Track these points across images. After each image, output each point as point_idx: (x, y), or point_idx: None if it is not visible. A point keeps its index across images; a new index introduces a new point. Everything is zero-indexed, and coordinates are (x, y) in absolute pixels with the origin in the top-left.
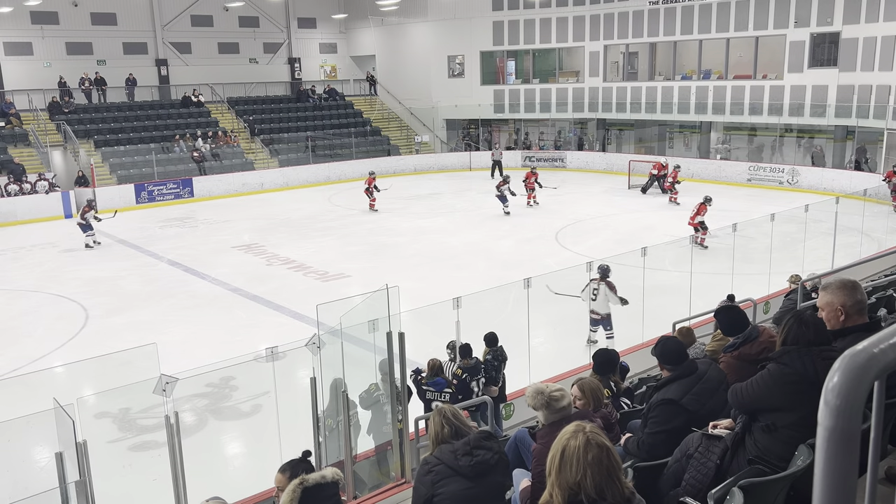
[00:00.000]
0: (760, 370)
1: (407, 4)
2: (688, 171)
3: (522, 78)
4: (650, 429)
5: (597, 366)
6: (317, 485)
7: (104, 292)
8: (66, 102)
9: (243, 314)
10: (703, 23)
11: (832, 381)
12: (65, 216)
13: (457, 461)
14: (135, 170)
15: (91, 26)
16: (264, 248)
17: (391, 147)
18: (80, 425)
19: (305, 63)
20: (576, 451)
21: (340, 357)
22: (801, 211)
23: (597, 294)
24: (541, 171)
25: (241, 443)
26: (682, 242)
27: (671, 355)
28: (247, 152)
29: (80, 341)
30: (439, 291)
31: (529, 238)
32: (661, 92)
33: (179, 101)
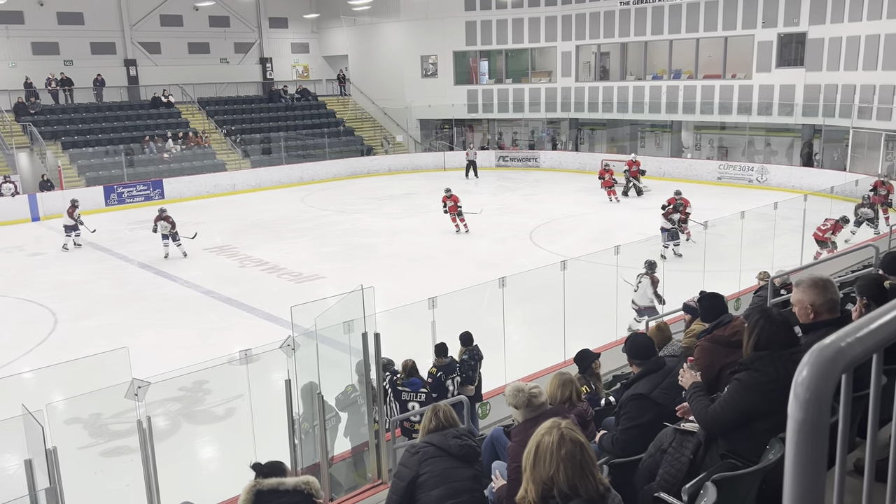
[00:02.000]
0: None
1: (379, 4)
2: (659, 169)
3: (495, 78)
4: (623, 425)
5: (576, 362)
6: (272, 490)
7: (73, 296)
8: (33, 103)
9: (216, 317)
10: (673, 23)
11: (801, 374)
12: (32, 219)
13: (447, 441)
14: (104, 171)
15: (57, 26)
16: (237, 250)
17: (365, 147)
18: (50, 431)
19: (277, 63)
20: (549, 447)
21: (315, 359)
22: (770, 209)
23: (639, 286)
24: (514, 171)
25: (215, 447)
26: (654, 241)
27: (639, 350)
28: (218, 153)
29: (48, 346)
30: (414, 291)
31: (504, 237)
32: (633, 92)
33: (149, 102)
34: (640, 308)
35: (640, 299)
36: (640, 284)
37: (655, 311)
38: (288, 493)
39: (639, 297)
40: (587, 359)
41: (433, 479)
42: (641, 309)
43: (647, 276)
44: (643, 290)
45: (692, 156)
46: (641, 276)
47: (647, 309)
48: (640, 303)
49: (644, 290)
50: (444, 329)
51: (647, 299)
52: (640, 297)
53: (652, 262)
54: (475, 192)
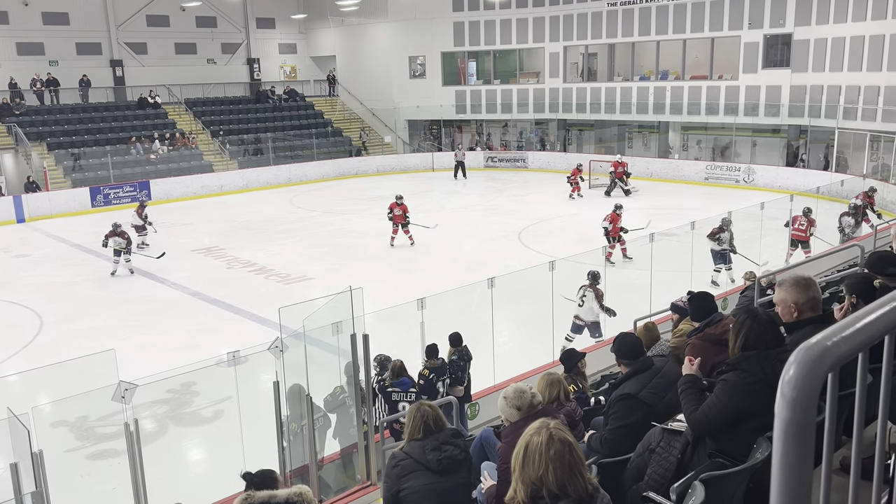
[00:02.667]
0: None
1: (367, 5)
2: (647, 170)
3: (484, 79)
4: (611, 425)
5: (561, 361)
6: (263, 503)
7: (59, 298)
8: (17, 104)
9: (204, 318)
10: (660, 24)
11: (788, 373)
12: (17, 221)
13: (424, 456)
14: (90, 173)
15: (42, 26)
16: (224, 251)
17: (353, 148)
18: (36, 435)
19: (264, 64)
20: (538, 447)
21: (304, 360)
22: (757, 209)
23: (584, 300)
24: (503, 172)
25: (203, 449)
26: (640, 241)
27: (628, 350)
28: (205, 154)
29: (34, 349)
30: (403, 292)
31: (492, 238)
32: (620, 92)
33: (135, 103)
34: (587, 323)
35: (585, 314)
36: (585, 299)
37: (599, 328)
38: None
39: (584, 312)
40: (573, 358)
41: (414, 496)
42: (588, 324)
43: (590, 290)
44: (588, 305)
45: (679, 156)
46: (585, 288)
47: (593, 325)
48: (585, 318)
49: (589, 304)
50: (434, 330)
51: (594, 314)
52: (585, 313)
53: (595, 272)
54: (463, 193)
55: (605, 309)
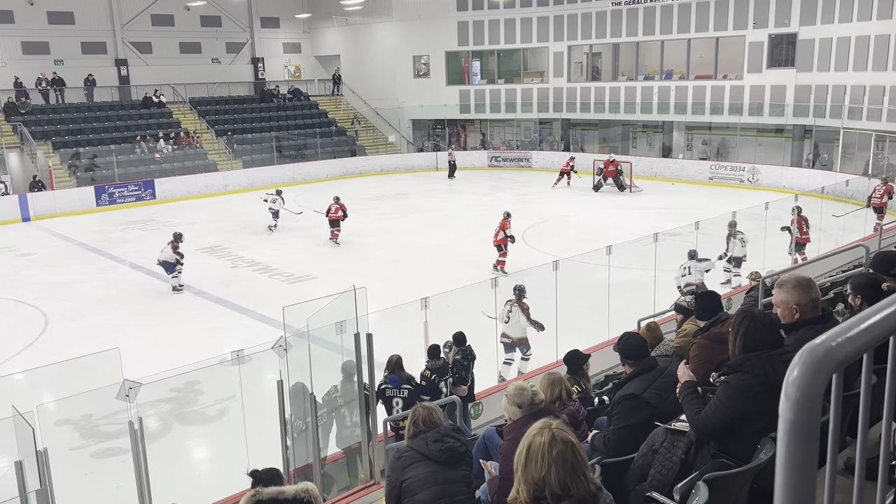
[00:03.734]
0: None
1: (371, 4)
2: (651, 170)
3: (488, 78)
4: (615, 425)
5: (565, 363)
6: (272, 499)
7: (64, 297)
8: (23, 103)
9: (208, 317)
10: (664, 24)
11: (792, 374)
12: (22, 219)
13: (427, 447)
14: (95, 171)
15: (48, 25)
16: (229, 250)
17: (357, 148)
18: (41, 433)
19: (269, 63)
20: (541, 448)
21: (307, 359)
22: (761, 209)
23: (510, 316)
24: (507, 172)
25: (207, 448)
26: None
27: (633, 350)
28: (210, 153)
29: (39, 347)
30: (407, 292)
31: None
32: (625, 92)
33: (140, 102)
34: (514, 340)
35: (512, 331)
36: (511, 314)
37: (528, 344)
38: (288, 502)
39: (511, 328)
40: (577, 360)
41: (417, 484)
42: (515, 341)
43: (516, 305)
44: (515, 321)
45: (683, 156)
46: (511, 304)
47: (520, 342)
48: (513, 335)
49: (516, 319)
50: (437, 329)
51: (521, 329)
52: (512, 329)
53: (521, 287)
54: (467, 193)
55: (533, 323)
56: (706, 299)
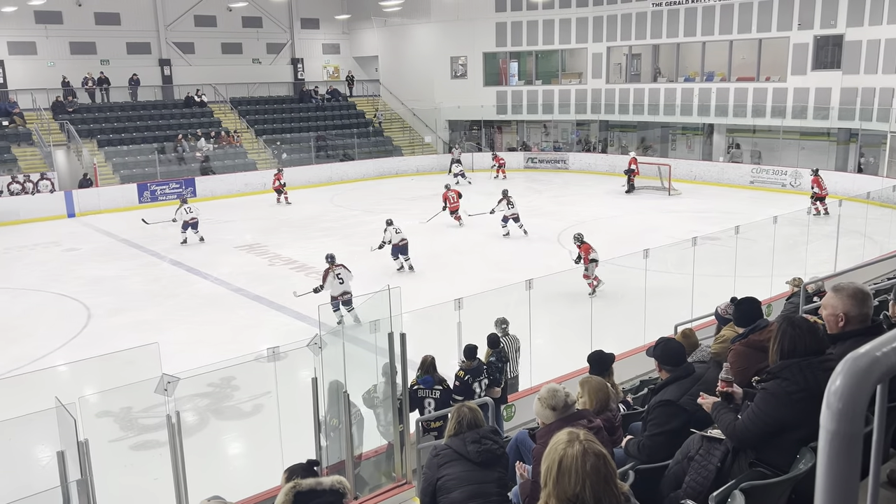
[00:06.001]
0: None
1: (410, 5)
2: (690, 173)
3: (525, 79)
4: (650, 431)
5: (591, 366)
6: (311, 490)
7: (107, 292)
8: (70, 102)
9: (245, 314)
10: (706, 25)
11: (834, 384)
12: (67, 215)
13: (465, 447)
14: (137, 169)
15: (95, 26)
16: (266, 249)
17: (394, 148)
18: (82, 424)
19: (308, 63)
20: (574, 461)
21: (342, 358)
22: (803, 214)
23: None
24: (543, 173)
25: (243, 443)
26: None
27: (671, 356)
28: (249, 153)
29: (82, 340)
30: (441, 292)
31: (530, 239)
32: (664, 94)
33: (182, 101)
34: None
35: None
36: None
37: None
38: (325, 493)
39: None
40: (604, 362)
41: (452, 482)
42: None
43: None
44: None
45: (724, 159)
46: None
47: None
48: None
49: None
50: (470, 330)
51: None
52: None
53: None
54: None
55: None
56: (746, 305)
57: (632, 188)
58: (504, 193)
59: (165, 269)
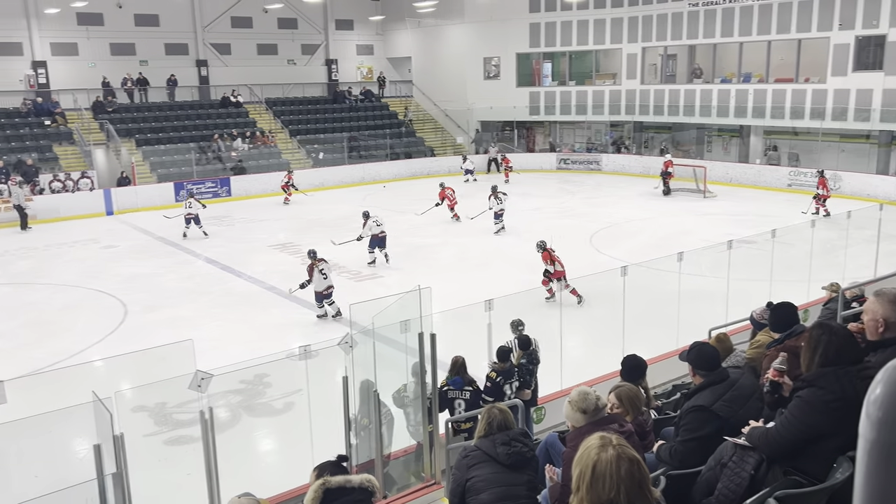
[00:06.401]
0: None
1: (443, 6)
2: (726, 175)
3: (559, 80)
4: (682, 436)
5: (625, 371)
6: (340, 487)
7: (143, 288)
8: (110, 102)
9: (277, 312)
10: (743, 25)
11: (874, 393)
12: (106, 213)
13: (494, 449)
14: (174, 168)
15: (134, 27)
16: (299, 248)
17: (426, 149)
18: (118, 418)
19: (342, 64)
20: (608, 466)
21: (372, 357)
22: (843, 217)
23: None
24: (575, 174)
25: (274, 439)
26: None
27: (706, 360)
28: (283, 153)
29: (118, 336)
30: (471, 293)
31: (563, 242)
32: (700, 95)
33: (219, 102)
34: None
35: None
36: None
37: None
38: (354, 491)
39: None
40: (640, 368)
41: (481, 483)
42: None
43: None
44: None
45: (760, 161)
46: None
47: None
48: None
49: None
50: (501, 332)
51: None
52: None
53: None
54: (534, 195)
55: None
56: (782, 310)
57: (669, 190)
58: (493, 189)
59: (200, 267)
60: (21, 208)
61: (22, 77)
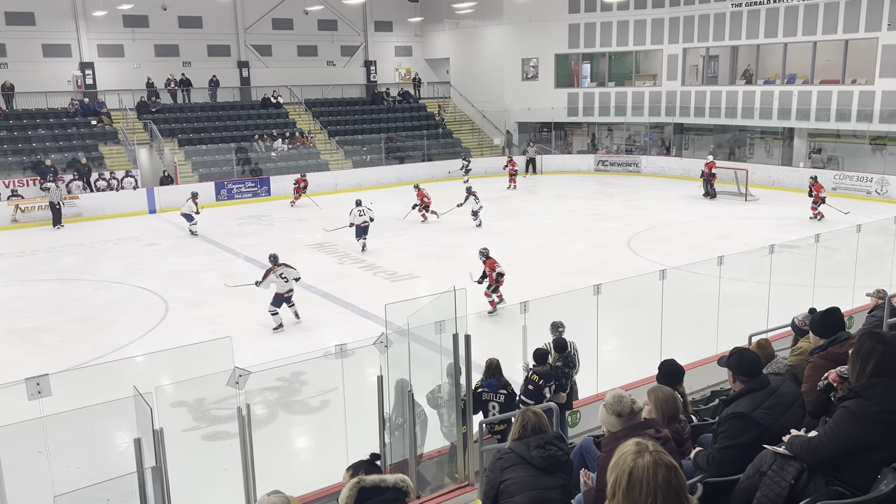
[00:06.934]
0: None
1: (482, 7)
2: (769, 178)
3: (598, 81)
4: (720, 443)
5: (661, 376)
6: (375, 487)
7: (184, 286)
8: (153, 102)
9: (314, 311)
10: (788, 25)
11: None
12: (149, 212)
13: (529, 452)
14: (215, 168)
15: (178, 29)
16: (336, 248)
17: (463, 150)
18: (158, 413)
19: (381, 66)
20: (645, 473)
21: (407, 357)
22: (890, 222)
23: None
24: (614, 176)
25: (309, 437)
26: (761, 252)
27: (747, 366)
28: (322, 153)
29: (159, 332)
30: (507, 295)
31: (600, 244)
32: (742, 96)
33: (259, 103)
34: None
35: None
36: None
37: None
38: (388, 490)
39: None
40: (677, 373)
41: (514, 486)
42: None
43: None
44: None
45: (804, 164)
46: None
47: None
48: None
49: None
50: (536, 334)
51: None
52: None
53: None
54: (571, 196)
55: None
56: (827, 316)
57: (713, 193)
58: (468, 190)
59: (240, 265)
60: (56, 206)
61: (70, 78)
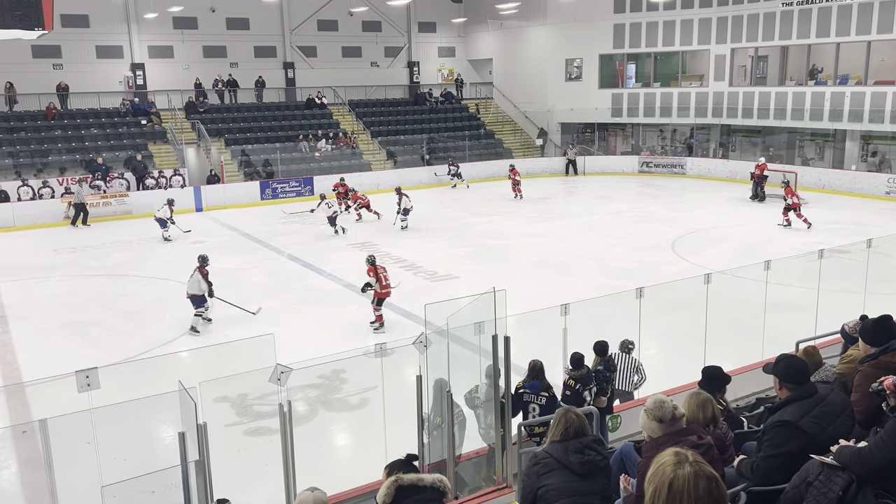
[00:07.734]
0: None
1: (526, 7)
2: (819, 181)
3: (643, 81)
4: (765, 452)
5: (704, 381)
6: (412, 485)
7: (228, 283)
8: (201, 102)
9: (355, 309)
10: (841, 25)
11: None
12: (195, 210)
13: (567, 456)
14: (260, 167)
15: (226, 31)
16: (377, 247)
17: (504, 150)
18: (202, 408)
19: (424, 66)
20: (685, 484)
21: (446, 357)
22: None
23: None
24: (658, 178)
25: (349, 435)
26: (809, 257)
27: (794, 374)
28: (365, 153)
29: (204, 328)
30: (547, 297)
31: (644, 246)
32: (792, 97)
33: (304, 103)
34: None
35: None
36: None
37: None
38: (426, 490)
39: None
40: (720, 379)
41: (553, 493)
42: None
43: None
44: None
45: (857, 167)
46: (196, 269)
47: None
48: (190, 291)
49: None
50: (576, 337)
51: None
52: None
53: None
54: (614, 198)
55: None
56: (879, 324)
57: (763, 196)
58: (397, 191)
59: (283, 264)
60: (82, 205)
61: (121, 78)
